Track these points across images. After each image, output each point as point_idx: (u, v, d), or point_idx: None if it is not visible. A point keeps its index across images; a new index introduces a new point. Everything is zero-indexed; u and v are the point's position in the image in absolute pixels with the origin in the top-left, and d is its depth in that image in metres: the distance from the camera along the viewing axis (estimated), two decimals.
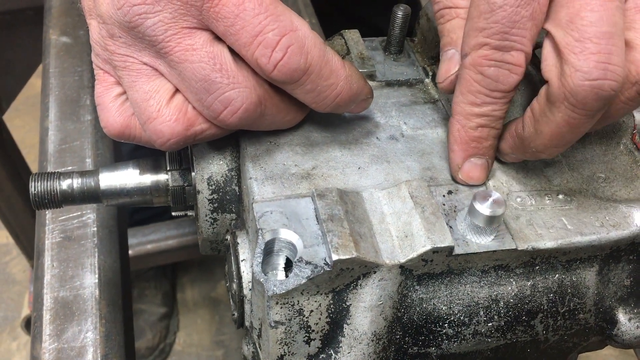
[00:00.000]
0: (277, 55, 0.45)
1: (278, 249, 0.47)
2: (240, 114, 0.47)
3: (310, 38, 0.46)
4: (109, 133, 0.52)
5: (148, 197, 0.59)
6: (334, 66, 0.48)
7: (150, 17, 0.45)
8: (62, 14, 0.99)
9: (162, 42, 0.46)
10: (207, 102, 0.47)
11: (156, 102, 0.48)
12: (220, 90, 0.46)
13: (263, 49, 0.45)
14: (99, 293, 0.69)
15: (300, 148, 0.53)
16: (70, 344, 0.65)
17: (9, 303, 2.06)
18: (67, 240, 0.73)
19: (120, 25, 0.47)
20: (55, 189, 0.57)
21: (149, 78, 0.48)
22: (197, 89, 0.47)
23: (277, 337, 0.46)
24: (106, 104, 0.51)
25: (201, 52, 0.46)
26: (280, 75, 0.46)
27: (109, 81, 0.51)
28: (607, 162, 0.55)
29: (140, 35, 0.46)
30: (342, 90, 0.49)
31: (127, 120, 0.51)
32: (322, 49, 0.47)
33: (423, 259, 0.46)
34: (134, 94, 0.49)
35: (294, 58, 0.45)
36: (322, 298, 0.46)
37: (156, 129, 0.49)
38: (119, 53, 0.48)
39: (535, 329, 0.51)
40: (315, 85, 0.48)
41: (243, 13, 0.44)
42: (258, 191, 0.49)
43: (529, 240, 0.48)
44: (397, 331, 0.49)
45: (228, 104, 0.47)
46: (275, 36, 0.45)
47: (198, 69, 0.46)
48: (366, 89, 0.52)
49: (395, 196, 0.49)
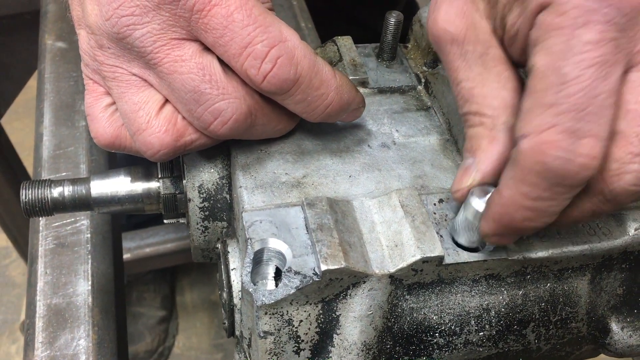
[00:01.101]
0: (267, 66, 0.45)
1: (267, 259, 0.46)
2: (230, 125, 0.47)
3: (300, 49, 0.46)
4: (99, 143, 0.52)
5: (139, 204, 0.58)
6: (324, 76, 0.48)
7: (138, 29, 0.45)
8: (57, 19, 0.99)
9: (151, 53, 0.46)
10: (197, 113, 0.47)
11: (145, 113, 0.48)
12: (210, 102, 0.46)
13: (252, 60, 0.44)
14: (92, 300, 0.68)
15: (291, 156, 0.53)
16: (62, 352, 0.64)
17: (9, 306, 2.06)
18: (61, 247, 0.72)
19: (108, 36, 0.46)
20: (46, 196, 0.57)
21: (138, 89, 0.48)
22: (186, 100, 0.46)
23: (266, 347, 0.46)
24: (96, 115, 0.51)
25: (190, 63, 0.46)
26: (270, 86, 0.46)
27: (99, 91, 0.51)
28: None
29: (129, 47, 0.46)
30: (333, 100, 0.49)
31: (116, 131, 0.51)
32: (312, 60, 0.47)
33: (413, 269, 0.46)
34: (123, 105, 0.49)
35: (284, 69, 0.45)
36: (311, 308, 0.45)
37: (145, 141, 0.48)
38: (107, 64, 0.48)
39: (527, 338, 0.51)
40: (305, 96, 0.47)
41: (232, 24, 0.44)
42: (248, 200, 0.49)
43: (520, 249, 0.48)
44: (388, 341, 0.48)
45: (218, 115, 0.47)
46: (264, 47, 0.44)
47: (187, 80, 0.46)
48: (357, 98, 0.51)
49: (386, 205, 0.49)
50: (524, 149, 0.38)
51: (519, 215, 0.41)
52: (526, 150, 0.38)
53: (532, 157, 0.38)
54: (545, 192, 0.39)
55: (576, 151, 0.36)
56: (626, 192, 0.39)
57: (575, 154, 0.36)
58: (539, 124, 0.37)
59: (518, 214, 0.41)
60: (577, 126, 0.36)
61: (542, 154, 0.37)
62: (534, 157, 0.38)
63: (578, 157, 0.37)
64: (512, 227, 0.42)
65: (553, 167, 0.37)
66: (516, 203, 0.40)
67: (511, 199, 0.40)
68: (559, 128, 0.36)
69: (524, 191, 0.39)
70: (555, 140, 0.36)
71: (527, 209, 0.40)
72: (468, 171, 0.45)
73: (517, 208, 0.40)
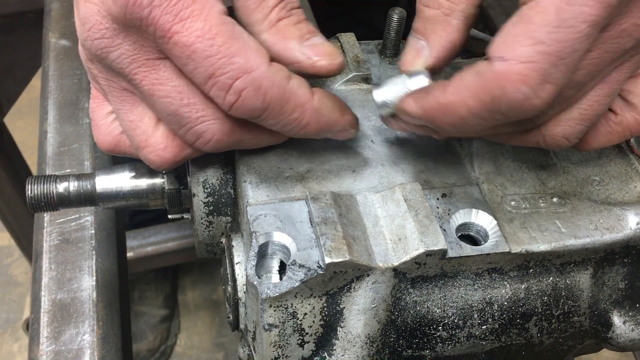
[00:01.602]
0: (230, 98, 0.44)
1: (272, 252, 0.47)
2: (212, 144, 0.48)
3: (267, 78, 0.44)
4: (100, 148, 0.54)
5: (144, 200, 0.59)
6: (297, 101, 0.46)
7: (112, 51, 0.45)
8: (61, 17, 1.00)
9: (130, 74, 0.46)
10: (180, 132, 0.48)
11: (142, 131, 0.49)
12: (189, 125, 0.46)
13: (216, 91, 0.44)
14: (96, 295, 0.69)
15: (295, 151, 0.54)
16: (67, 346, 0.65)
17: (11, 305, 2.07)
18: (65, 243, 0.73)
19: (91, 54, 0.47)
20: (51, 192, 0.57)
21: (131, 105, 0.49)
22: (169, 121, 0.47)
23: (271, 340, 0.46)
24: (98, 121, 0.52)
25: (168, 87, 0.45)
26: (238, 114, 0.45)
27: (101, 98, 0.52)
28: (602, 165, 0.55)
29: (109, 67, 0.47)
30: (309, 122, 0.47)
31: (116, 138, 0.52)
32: (281, 86, 0.45)
33: (416, 262, 0.46)
34: (121, 122, 0.50)
35: (249, 101, 0.44)
36: (315, 301, 0.46)
37: (147, 158, 0.50)
38: (101, 76, 0.49)
39: (530, 332, 0.51)
40: (277, 120, 0.46)
41: (194, 54, 0.43)
42: (252, 194, 0.49)
43: (523, 243, 0.48)
44: (391, 334, 0.49)
45: (199, 136, 0.47)
46: (227, 80, 0.43)
47: (167, 103, 0.46)
48: (342, 120, 0.49)
49: (389, 199, 0.49)
50: (495, 70, 0.39)
51: (449, 119, 0.42)
52: (498, 73, 0.39)
53: (499, 81, 0.39)
54: (487, 112, 0.40)
55: (537, 93, 0.38)
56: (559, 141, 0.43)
57: (535, 95, 0.38)
58: (520, 54, 0.38)
59: (449, 118, 0.42)
60: (550, 71, 0.38)
61: (509, 82, 0.38)
62: (501, 82, 0.39)
63: (536, 99, 0.38)
64: (433, 123, 0.44)
65: (512, 98, 0.39)
66: (455, 109, 0.42)
67: (453, 105, 0.42)
68: (536, 66, 0.38)
69: (469, 103, 0.41)
70: (527, 76, 0.38)
71: (459, 117, 0.42)
72: (420, 53, 0.47)
73: (452, 113, 0.42)
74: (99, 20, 0.44)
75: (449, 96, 0.42)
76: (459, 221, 0.49)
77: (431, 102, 0.44)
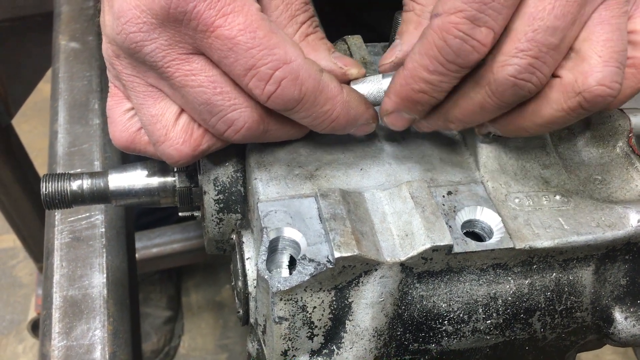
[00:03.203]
0: (270, 88, 0.45)
1: (282, 247, 0.48)
2: (243, 133, 0.49)
3: (305, 69, 0.46)
4: (116, 145, 0.55)
5: (156, 197, 0.60)
6: (330, 93, 0.48)
7: (147, 44, 0.46)
8: (71, 19, 1.01)
9: (162, 67, 0.47)
10: (211, 122, 0.49)
11: (162, 125, 0.50)
12: (222, 113, 0.48)
13: (256, 82, 0.45)
14: (107, 292, 0.70)
15: (304, 150, 0.55)
16: (79, 342, 0.66)
17: (16, 306, 2.08)
18: (76, 241, 0.74)
19: (122, 48, 0.48)
20: (65, 189, 0.59)
21: (154, 100, 0.50)
22: (200, 111, 0.48)
23: (281, 333, 0.47)
24: (115, 118, 0.53)
25: (201, 77, 0.47)
26: (274, 105, 0.47)
27: (120, 95, 0.53)
28: (604, 164, 0.56)
29: (141, 60, 0.48)
30: (339, 115, 0.50)
31: (132, 135, 0.53)
32: (316, 79, 0.47)
33: (423, 257, 0.47)
34: (142, 117, 0.51)
35: (287, 90, 0.46)
36: (324, 295, 0.47)
37: (165, 152, 0.51)
38: (125, 73, 0.50)
39: (533, 327, 0.53)
40: (310, 112, 0.48)
41: (236, 47, 0.45)
42: (263, 191, 0.51)
43: (527, 239, 0.49)
44: (398, 327, 0.50)
45: (231, 124, 0.48)
46: (268, 70, 0.45)
47: (199, 93, 0.47)
48: (367, 114, 0.52)
49: (396, 196, 0.51)
50: (433, 26, 0.44)
51: (417, 86, 0.47)
52: (434, 27, 0.44)
53: (438, 33, 0.44)
54: (441, 66, 0.45)
55: (472, 36, 0.43)
56: (507, 82, 0.44)
57: (470, 38, 0.43)
58: (450, 7, 0.43)
59: (416, 84, 0.47)
60: (478, 16, 0.43)
61: (446, 31, 0.43)
62: (439, 34, 0.44)
63: (472, 40, 0.43)
64: (408, 99, 0.48)
65: (452, 44, 0.44)
66: (416, 75, 0.47)
67: (413, 70, 0.47)
68: (464, 14, 0.43)
69: (424, 63, 0.46)
70: (458, 23, 0.43)
71: (423, 80, 0.46)
72: (393, 50, 0.52)
73: (415, 79, 0.47)
74: (136, 14, 0.46)
75: (408, 67, 0.47)
76: (464, 218, 0.50)
77: (397, 83, 0.48)
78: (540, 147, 0.55)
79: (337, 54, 0.53)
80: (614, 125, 0.57)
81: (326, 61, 0.52)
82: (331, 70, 0.52)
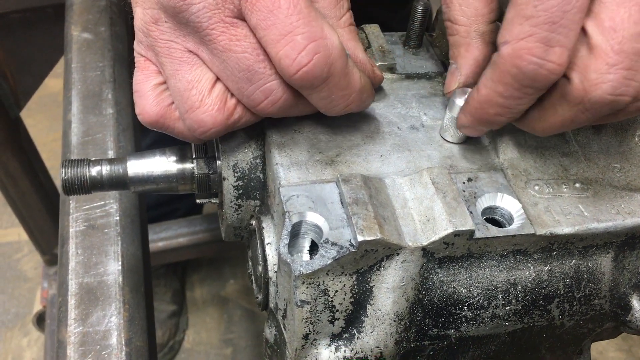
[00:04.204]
0: (303, 59, 0.45)
1: (304, 232, 0.48)
2: (280, 104, 0.49)
3: (337, 49, 0.47)
4: (143, 121, 0.53)
5: (174, 184, 0.60)
6: (351, 79, 0.49)
7: (195, 3, 0.46)
8: (83, 10, 1.02)
9: (207, 29, 0.47)
10: (249, 91, 0.48)
11: (198, 91, 0.49)
12: (262, 81, 0.48)
13: (289, 50, 0.45)
14: (122, 279, 0.70)
15: (324, 136, 0.55)
16: (95, 328, 0.66)
17: (21, 299, 2.09)
18: (91, 229, 0.74)
19: (165, 10, 0.48)
20: (85, 175, 0.59)
21: (191, 67, 0.50)
22: (239, 78, 0.48)
23: (302, 316, 0.48)
24: (144, 92, 0.52)
25: (245, 43, 0.47)
26: (301, 80, 0.46)
27: (150, 69, 0.52)
28: (623, 152, 0.56)
29: (185, 21, 0.48)
30: (354, 100, 0.51)
31: (163, 110, 0.52)
32: (344, 62, 0.48)
33: (445, 242, 0.48)
34: (177, 82, 0.50)
35: (318, 66, 0.46)
36: (346, 279, 0.47)
37: (198, 118, 0.50)
38: (162, 39, 0.50)
39: (552, 314, 0.53)
40: (330, 94, 0.49)
41: (277, 10, 0.45)
42: (284, 176, 0.51)
43: (547, 225, 0.49)
44: (418, 312, 0.50)
45: (269, 94, 0.48)
46: (303, 40, 0.45)
47: (242, 59, 0.47)
48: (372, 97, 0.54)
49: (417, 182, 0.51)
50: (503, 54, 0.44)
51: (492, 111, 0.48)
52: (505, 55, 0.44)
53: (510, 61, 0.44)
54: (516, 91, 0.45)
55: (547, 58, 0.43)
56: (603, 100, 0.44)
57: (546, 61, 0.43)
58: (518, 32, 0.43)
59: (491, 109, 0.48)
60: (549, 37, 0.42)
61: (519, 58, 0.43)
62: (512, 61, 0.44)
63: (548, 63, 0.43)
64: (484, 120, 0.50)
65: (527, 70, 0.43)
66: (491, 100, 0.47)
67: (487, 96, 0.48)
68: (535, 37, 0.43)
69: (499, 90, 0.46)
70: (530, 48, 0.43)
71: (499, 105, 0.47)
72: (454, 75, 0.55)
73: (491, 104, 0.48)
74: None
75: (481, 93, 0.48)
76: (484, 204, 0.50)
77: (472, 106, 0.50)
78: (559, 135, 0.55)
79: None
80: None
81: (362, 54, 0.53)
82: (364, 64, 0.53)
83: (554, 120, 0.48)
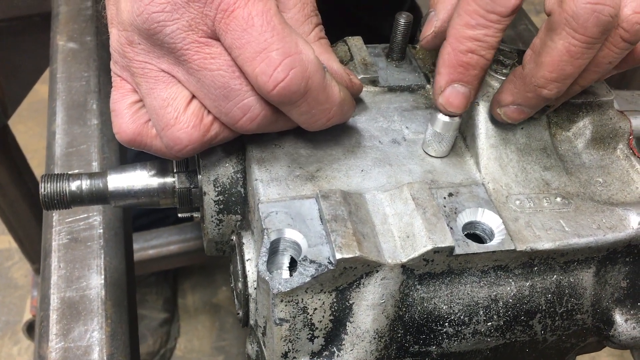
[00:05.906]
0: (279, 75, 0.45)
1: (283, 248, 0.48)
2: (259, 120, 0.49)
3: (313, 63, 0.46)
4: (120, 139, 0.53)
5: (155, 198, 0.60)
6: (330, 92, 0.49)
7: (168, 25, 0.46)
8: (69, 20, 1.01)
9: (181, 49, 0.47)
10: (226, 108, 0.48)
11: (173, 109, 0.49)
12: (239, 97, 0.47)
13: (265, 67, 0.45)
14: (105, 294, 0.70)
15: (305, 150, 0.55)
16: (76, 343, 0.66)
17: (11, 307, 2.07)
18: (74, 242, 0.74)
19: (140, 32, 0.48)
20: (64, 190, 0.58)
21: (166, 85, 0.49)
22: (216, 95, 0.48)
23: (281, 334, 0.47)
24: (120, 111, 0.52)
25: (220, 60, 0.47)
26: (278, 96, 0.46)
27: (126, 88, 0.52)
28: (604, 166, 0.56)
29: (159, 42, 0.47)
30: (335, 114, 0.50)
31: (139, 127, 0.52)
32: (322, 75, 0.48)
33: (424, 259, 0.47)
34: (152, 101, 0.50)
35: (295, 81, 0.45)
36: (325, 296, 0.47)
37: (174, 136, 0.50)
38: (137, 60, 0.49)
39: (534, 329, 0.52)
40: (310, 109, 0.48)
41: (251, 28, 0.45)
42: (264, 192, 0.51)
43: (528, 241, 0.49)
44: (399, 329, 0.50)
45: (247, 111, 0.48)
46: (278, 56, 0.45)
47: (217, 76, 0.47)
48: (353, 107, 0.54)
49: (397, 198, 0.50)
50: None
51: (464, 47, 0.48)
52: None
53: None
54: (482, 19, 0.47)
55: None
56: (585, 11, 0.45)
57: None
58: None
59: (462, 45, 0.48)
60: None
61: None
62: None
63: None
64: (459, 63, 0.49)
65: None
66: (460, 36, 0.48)
67: (456, 33, 0.48)
68: None
69: (465, 20, 0.47)
70: None
71: (469, 38, 0.48)
72: (431, 21, 0.55)
73: (461, 40, 0.48)
74: None
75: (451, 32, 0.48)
76: (465, 220, 0.50)
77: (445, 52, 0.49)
78: (541, 149, 0.55)
79: None
80: (614, 128, 0.57)
81: (337, 64, 0.53)
82: (340, 76, 0.53)
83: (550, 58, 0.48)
